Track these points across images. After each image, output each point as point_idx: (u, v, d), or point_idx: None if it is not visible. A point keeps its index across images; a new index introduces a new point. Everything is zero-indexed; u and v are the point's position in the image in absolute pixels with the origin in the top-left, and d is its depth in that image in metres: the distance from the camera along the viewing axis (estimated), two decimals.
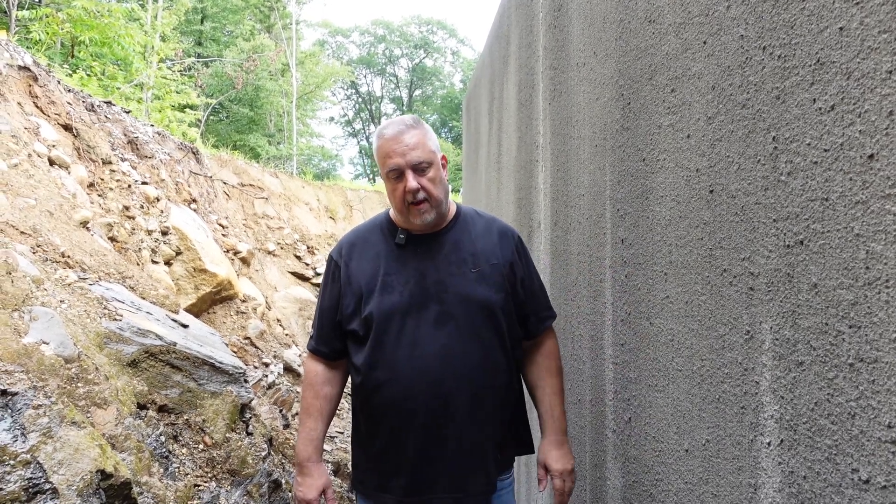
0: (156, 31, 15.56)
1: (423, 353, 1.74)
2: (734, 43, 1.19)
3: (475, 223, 1.94)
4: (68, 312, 1.93)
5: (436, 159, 1.82)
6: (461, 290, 1.79)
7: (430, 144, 1.81)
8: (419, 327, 1.76)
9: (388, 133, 1.79)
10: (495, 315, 1.82)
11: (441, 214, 1.84)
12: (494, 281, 1.83)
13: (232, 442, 2.14)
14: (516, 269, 1.89)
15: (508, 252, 1.89)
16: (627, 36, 1.74)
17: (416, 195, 1.76)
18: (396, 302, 1.77)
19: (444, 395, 1.75)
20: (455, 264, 1.84)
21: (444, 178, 1.85)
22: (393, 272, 1.83)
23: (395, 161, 1.75)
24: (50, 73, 4.45)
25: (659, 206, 1.54)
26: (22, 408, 1.35)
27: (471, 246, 1.88)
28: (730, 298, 1.21)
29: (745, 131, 1.15)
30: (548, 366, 1.96)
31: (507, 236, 1.94)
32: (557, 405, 1.93)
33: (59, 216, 2.69)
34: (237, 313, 5.87)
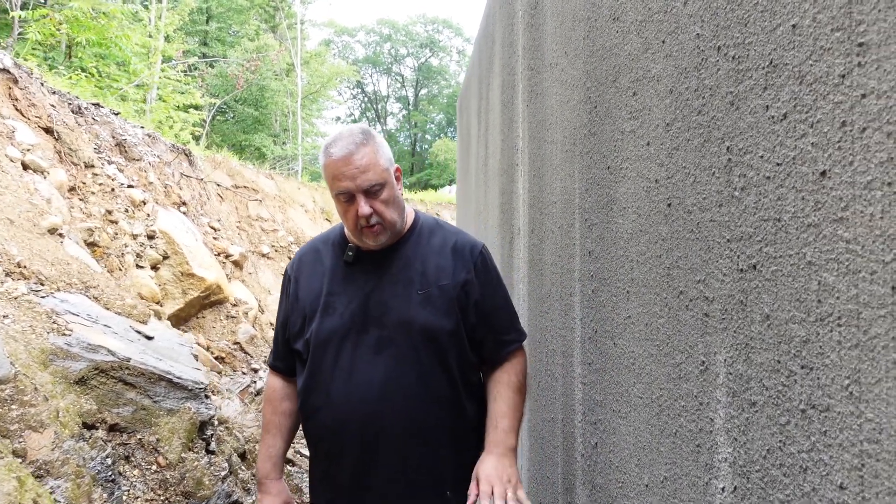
0: (159, 31, 15.54)
1: (359, 381, 1.64)
2: (690, 42, 1.08)
3: (431, 238, 1.79)
4: (11, 328, 1.84)
5: (389, 178, 1.68)
6: (403, 314, 1.66)
7: (382, 162, 1.67)
8: (357, 353, 1.66)
9: (335, 153, 1.63)
10: (439, 342, 1.66)
11: (396, 233, 1.73)
12: (441, 304, 1.68)
13: (188, 462, 2.05)
14: (470, 290, 1.72)
15: (463, 272, 1.72)
16: (594, 35, 1.63)
17: (370, 219, 1.65)
18: (336, 325, 1.68)
19: (378, 427, 1.63)
20: (401, 284, 1.70)
21: (397, 195, 1.72)
22: (337, 292, 1.73)
23: (344, 185, 1.62)
24: (32, 76, 4.38)
25: (622, 217, 1.43)
26: None
27: (421, 264, 1.73)
28: (686, 324, 1.10)
29: (701, 140, 1.04)
30: (505, 379, 1.74)
31: (464, 253, 1.76)
32: (506, 418, 1.68)
33: (21, 224, 2.61)
34: (227, 318, 5.79)
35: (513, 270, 2.95)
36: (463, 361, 1.72)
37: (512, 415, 1.71)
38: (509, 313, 1.82)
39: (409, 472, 1.65)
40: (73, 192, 4.13)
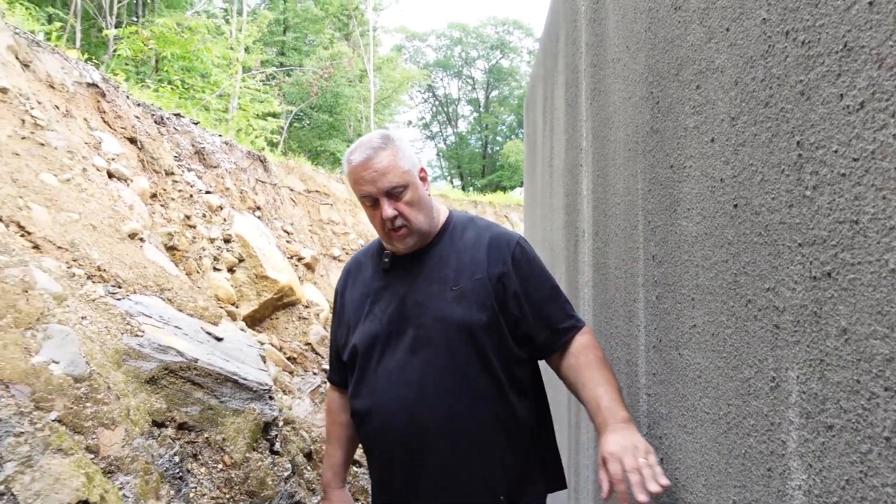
0: (240, 43, 16.22)
1: (399, 383, 1.63)
2: (756, 29, 0.99)
3: (465, 234, 1.78)
4: (88, 329, 1.95)
5: (411, 179, 1.68)
6: (438, 312, 1.64)
7: (403, 164, 1.67)
8: (396, 355, 1.66)
9: (355, 159, 1.66)
10: (475, 336, 1.62)
11: (424, 235, 1.72)
12: (476, 299, 1.65)
13: (252, 462, 2.10)
14: (507, 282, 1.67)
15: (498, 263, 1.69)
16: (656, 26, 1.54)
17: (394, 222, 1.65)
18: (376, 330, 1.70)
19: (421, 428, 1.61)
20: (436, 283, 1.69)
21: (423, 196, 1.71)
22: (377, 299, 1.75)
23: (366, 189, 1.64)
24: (118, 89, 4.64)
25: (686, 219, 1.34)
26: (2, 435, 1.35)
27: (455, 261, 1.72)
28: (755, 335, 1.01)
29: (769, 135, 0.95)
30: (580, 362, 1.65)
31: (501, 245, 1.73)
32: (604, 395, 1.57)
33: (103, 229, 2.76)
34: (299, 319, 5.94)
35: (578, 274, 2.86)
36: (505, 356, 1.67)
37: (607, 390, 1.59)
38: (559, 302, 1.74)
39: (456, 474, 1.61)
40: (155, 198, 4.35)
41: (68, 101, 3.85)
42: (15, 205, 2.32)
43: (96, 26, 12.88)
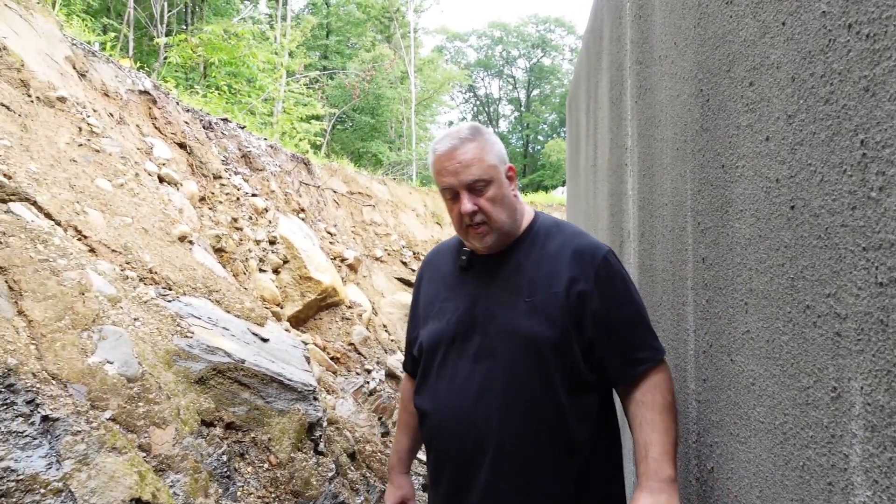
0: (284, 48, 16.53)
1: (458, 390, 1.58)
2: (815, 22, 0.95)
3: (548, 241, 1.65)
4: (140, 330, 2.01)
5: (496, 175, 1.58)
6: (507, 323, 1.56)
7: (490, 158, 1.58)
8: (459, 361, 1.60)
9: (440, 149, 1.59)
10: (543, 353, 1.52)
11: (505, 235, 1.62)
12: (549, 313, 1.54)
13: (297, 462, 2.12)
14: (587, 300, 1.54)
15: (580, 279, 1.55)
16: (706, 22, 1.49)
17: (473, 218, 1.57)
18: (443, 330, 1.64)
19: (473, 439, 1.56)
20: (509, 291, 1.60)
21: (507, 194, 1.61)
22: (449, 297, 1.69)
23: (447, 180, 1.57)
24: (168, 96, 4.78)
25: (739, 221, 1.29)
26: (61, 434, 1.40)
27: (533, 270, 1.60)
28: (814, 343, 0.97)
29: (829, 133, 0.91)
30: (647, 400, 1.53)
31: (584, 259, 1.58)
32: (656, 444, 1.47)
33: (154, 233, 2.85)
34: (342, 319, 6.00)
35: None
36: (571, 378, 1.55)
37: (661, 439, 1.48)
38: (641, 329, 1.59)
39: (500, 490, 1.54)
40: (203, 201, 4.46)
41: (122, 108, 3.99)
42: (73, 210, 2.41)
43: (148, 35, 13.32)
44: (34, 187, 2.33)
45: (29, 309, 1.75)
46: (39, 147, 2.66)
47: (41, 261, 1.91)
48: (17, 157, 2.44)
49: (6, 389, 1.41)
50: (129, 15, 10.87)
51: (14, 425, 1.38)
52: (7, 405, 1.40)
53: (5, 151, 2.41)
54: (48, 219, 2.26)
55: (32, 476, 1.36)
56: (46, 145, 2.72)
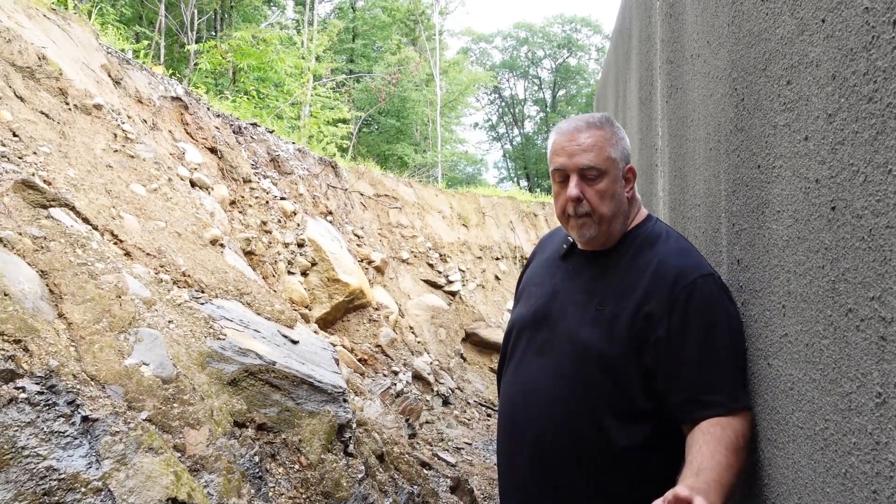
0: (311, 53, 16.70)
1: (519, 379, 1.56)
2: (857, 19, 0.92)
3: (644, 250, 1.51)
4: (174, 333, 2.05)
5: (612, 169, 1.48)
6: (570, 325, 1.49)
7: (611, 151, 1.48)
8: (527, 350, 1.56)
9: (564, 128, 1.51)
10: (591, 366, 1.43)
11: (606, 233, 1.51)
12: (612, 328, 1.43)
13: (327, 463, 2.14)
14: (657, 322, 1.39)
15: (654, 297, 1.41)
16: (740, 20, 1.47)
17: (577, 207, 1.47)
18: (522, 316, 1.61)
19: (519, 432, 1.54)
20: (586, 293, 1.52)
21: (619, 192, 1.50)
22: (539, 283, 1.64)
23: (560, 160, 1.48)
24: (199, 101, 4.87)
25: (776, 222, 1.27)
26: (100, 434, 1.43)
27: (616, 277, 1.50)
28: (857, 347, 0.94)
29: (873, 132, 0.89)
30: (715, 433, 1.31)
31: (666, 278, 1.42)
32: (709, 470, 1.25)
33: (187, 236, 2.90)
34: (369, 321, 6.04)
35: None
36: (620, 404, 1.43)
37: (718, 469, 1.26)
38: (717, 371, 1.38)
39: (532, 492, 1.51)
40: (234, 205, 4.53)
41: (155, 114, 4.07)
42: (109, 214, 2.47)
43: (179, 42, 13.57)
44: (72, 193, 2.40)
45: (69, 311, 1.80)
46: (77, 153, 2.73)
47: (80, 265, 1.96)
48: (56, 164, 2.51)
49: (48, 390, 1.46)
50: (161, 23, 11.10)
51: (56, 425, 1.42)
52: (49, 406, 1.44)
53: (45, 158, 2.48)
54: (86, 223, 2.32)
55: (74, 475, 1.40)
56: (83, 151, 2.80)
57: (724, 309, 1.42)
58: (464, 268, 8.15)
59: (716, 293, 1.43)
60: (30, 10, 3.37)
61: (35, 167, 2.36)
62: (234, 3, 17.31)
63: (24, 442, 1.34)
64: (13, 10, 3.15)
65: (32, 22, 3.29)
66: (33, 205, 2.08)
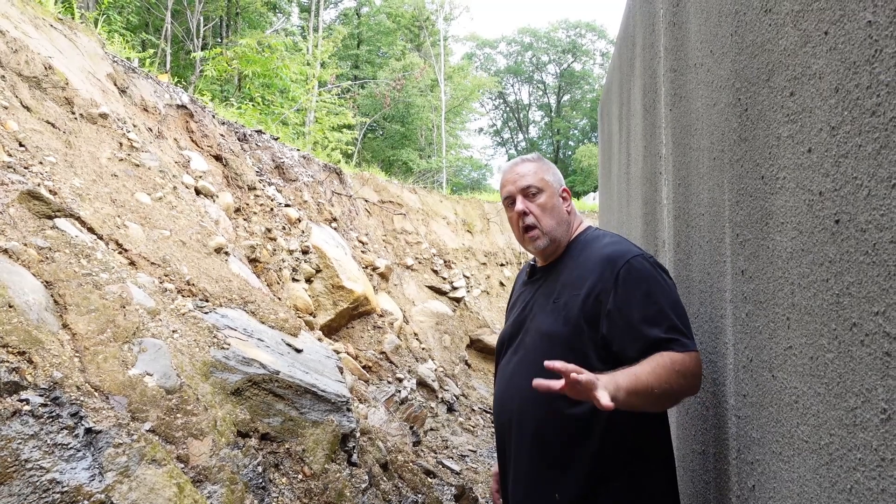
0: (316, 59, 16.77)
1: (503, 379, 1.82)
2: (860, 32, 0.92)
3: (586, 249, 1.82)
4: (178, 342, 2.05)
5: (548, 188, 1.83)
6: (537, 321, 1.77)
7: (545, 176, 1.84)
8: (512, 356, 1.83)
9: (505, 167, 1.90)
10: (554, 348, 1.67)
11: (555, 241, 1.83)
12: (567, 313, 1.70)
13: (330, 473, 2.13)
14: (604, 298, 1.64)
15: (600, 281, 1.67)
16: (743, 30, 1.47)
17: (525, 219, 1.80)
18: (506, 332, 1.90)
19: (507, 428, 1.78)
20: (546, 295, 1.81)
21: (557, 205, 1.84)
22: (517, 304, 1.94)
23: (507, 189, 1.84)
24: (205, 109, 4.89)
25: (780, 234, 1.26)
26: (103, 446, 1.43)
27: (567, 275, 1.79)
28: (861, 362, 0.94)
29: (876, 146, 0.88)
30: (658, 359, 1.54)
31: (609, 263, 1.69)
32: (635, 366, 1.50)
33: (191, 245, 2.91)
34: (374, 328, 6.04)
35: None
36: None
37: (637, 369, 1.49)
38: (663, 326, 1.60)
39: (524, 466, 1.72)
40: (238, 212, 4.54)
41: (160, 122, 4.09)
42: (114, 223, 2.48)
43: (185, 49, 13.65)
44: (78, 202, 2.41)
45: (73, 322, 1.80)
46: (83, 163, 2.74)
47: (84, 275, 1.97)
48: (61, 173, 2.52)
49: (52, 402, 1.46)
50: (167, 30, 11.17)
51: (59, 437, 1.42)
52: (53, 418, 1.44)
53: (51, 168, 2.49)
54: (91, 233, 2.32)
55: (76, 488, 1.40)
56: (89, 161, 2.81)
57: (660, 278, 1.69)
58: (468, 274, 8.14)
59: (648, 267, 1.69)
60: (37, 19, 3.39)
61: (41, 177, 2.37)
62: (240, 9, 17.41)
63: (28, 454, 1.34)
64: (20, 21, 3.17)
65: (39, 32, 3.31)
66: (39, 215, 2.09)
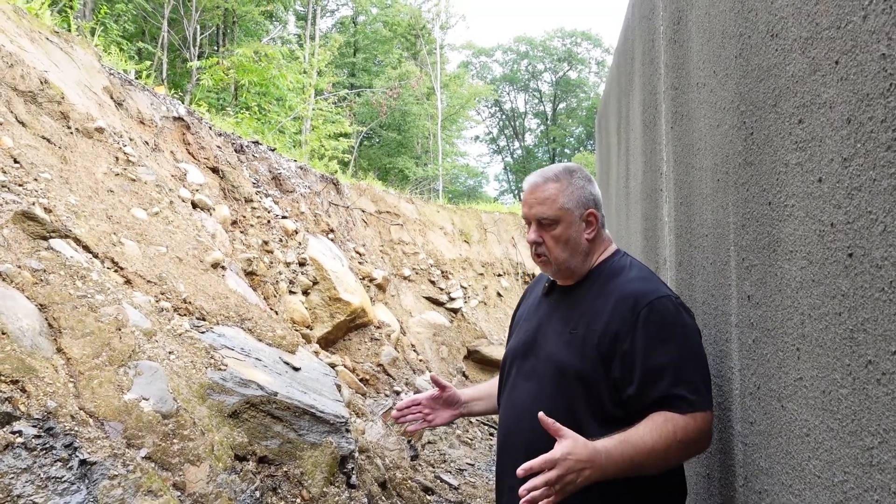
0: (313, 67, 16.77)
1: (510, 403, 1.77)
2: (873, 64, 0.90)
3: (609, 280, 1.73)
4: (175, 364, 2.01)
5: (566, 217, 1.72)
6: (551, 350, 1.71)
7: (565, 201, 1.72)
8: (517, 377, 1.78)
9: (527, 181, 1.80)
10: (569, 383, 1.64)
11: (567, 271, 1.76)
12: (584, 347, 1.64)
13: (329, 497, 2.10)
14: (621, 340, 1.59)
15: (618, 319, 1.61)
16: (748, 53, 1.45)
17: (537, 248, 1.75)
18: (514, 347, 1.84)
19: (510, 452, 1.72)
20: (563, 321, 1.75)
21: (573, 236, 1.72)
22: (528, 318, 1.88)
23: (524, 211, 1.78)
24: (202, 121, 4.87)
25: (788, 262, 1.24)
26: (98, 478, 1.40)
27: (587, 305, 1.72)
28: (878, 401, 0.91)
29: (893, 182, 0.86)
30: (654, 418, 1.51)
31: (628, 302, 1.62)
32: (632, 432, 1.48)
33: (188, 261, 2.88)
34: (371, 340, 6.00)
35: None
36: (596, 412, 1.62)
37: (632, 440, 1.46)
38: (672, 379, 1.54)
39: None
40: (235, 225, 4.51)
41: (156, 135, 4.06)
42: (110, 241, 2.45)
43: (181, 57, 13.63)
44: (73, 220, 2.38)
45: (67, 346, 1.77)
46: (78, 178, 2.71)
47: (79, 297, 1.94)
48: (57, 190, 2.49)
49: (46, 433, 1.43)
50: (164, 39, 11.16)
51: (53, 470, 1.39)
52: (46, 450, 1.41)
53: (46, 185, 2.47)
54: (86, 252, 2.29)
55: None
56: (85, 176, 2.78)
57: (681, 324, 1.61)
58: (465, 284, 8.12)
59: (672, 311, 1.61)
60: (33, 33, 3.37)
61: (36, 195, 2.34)
62: (237, 18, 17.41)
63: (21, 489, 1.31)
64: (16, 34, 3.15)
65: (35, 45, 3.29)
66: (33, 236, 2.06)
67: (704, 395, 1.56)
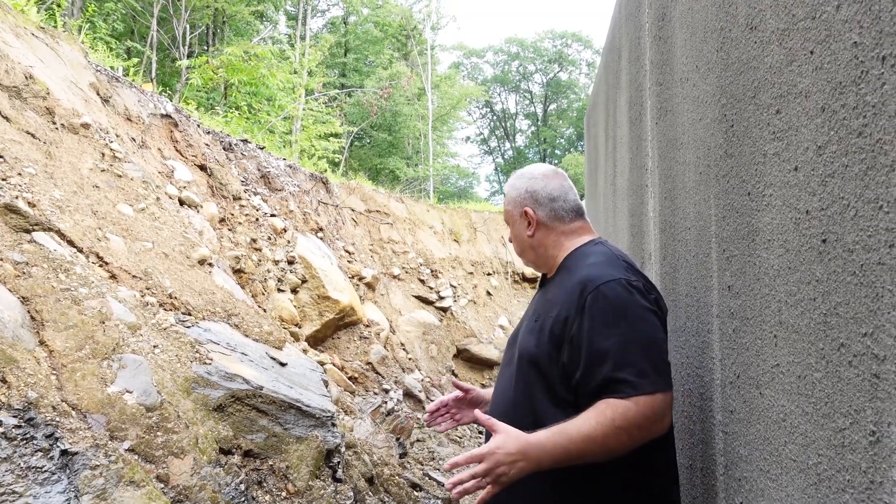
0: (303, 67, 16.73)
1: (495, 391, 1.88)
2: (846, 52, 0.92)
3: (570, 270, 1.79)
4: (159, 358, 2.01)
5: (510, 219, 1.91)
6: (522, 339, 1.81)
7: (508, 206, 1.91)
8: (503, 365, 1.89)
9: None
10: (525, 367, 1.73)
11: (534, 265, 1.93)
12: (540, 333, 1.73)
13: (315, 490, 2.10)
14: (570, 325, 1.63)
15: (567, 304, 1.67)
16: (728, 46, 1.47)
17: None
18: (509, 340, 1.95)
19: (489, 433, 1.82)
20: (534, 311, 1.85)
21: (519, 234, 1.89)
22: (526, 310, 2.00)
23: None
24: (189, 119, 4.85)
25: (766, 251, 1.26)
26: (79, 468, 1.40)
27: (551, 294, 1.82)
28: (849, 383, 0.93)
29: (863, 167, 0.88)
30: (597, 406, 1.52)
31: (577, 287, 1.66)
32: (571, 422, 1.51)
33: (174, 257, 2.87)
34: (360, 338, 5.99)
35: None
36: (551, 397, 1.69)
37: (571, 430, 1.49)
38: (614, 362, 1.55)
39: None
40: (223, 223, 4.50)
41: (144, 132, 4.05)
42: (95, 236, 2.44)
43: (170, 57, 13.57)
44: (57, 215, 2.36)
45: (50, 339, 1.76)
46: (63, 174, 2.70)
47: (63, 290, 1.93)
48: (41, 185, 2.48)
49: (26, 423, 1.42)
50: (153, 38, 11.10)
51: (33, 460, 1.38)
52: (27, 440, 1.40)
53: (30, 179, 2.45)
54: (70, 246, 2.28)
55: None
56: (70, 172, 2.77)
57: (630, 309, 1.60)
58: (455, 283, 8.13)
59: (621, 294, 1.61)
60: (17, 28, 3.35)
61: (19, 189, 2.33)
62: (226, 18, 17.35)
63: (0, 479, 1.30)
64: (0, 29, 3.13)
65: (20, 41, 3.27)
66: (16, 229, 2.04)
67: (652, 378, 1.53)
